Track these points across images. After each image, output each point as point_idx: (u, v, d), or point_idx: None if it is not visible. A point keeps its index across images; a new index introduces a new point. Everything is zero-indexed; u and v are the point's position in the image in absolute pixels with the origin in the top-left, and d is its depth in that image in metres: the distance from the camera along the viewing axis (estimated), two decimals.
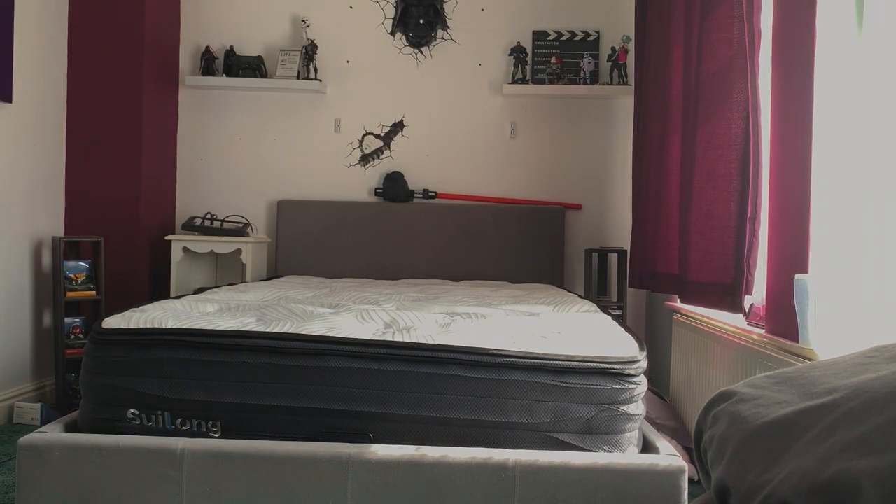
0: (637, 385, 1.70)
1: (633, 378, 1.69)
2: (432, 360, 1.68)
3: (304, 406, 1.68)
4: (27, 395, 3.43)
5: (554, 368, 1.67)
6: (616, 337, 1.90)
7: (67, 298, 3.49)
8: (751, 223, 2.28)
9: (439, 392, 1.66)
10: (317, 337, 1.74)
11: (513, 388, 1.66)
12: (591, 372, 1.67)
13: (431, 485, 1.60)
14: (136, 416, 1.70)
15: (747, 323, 2.37)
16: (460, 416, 1.66)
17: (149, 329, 1.78)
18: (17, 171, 3.36)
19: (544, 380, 1.66)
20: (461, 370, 1.67)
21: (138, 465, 1.64)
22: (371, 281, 3.65)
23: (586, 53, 4.05)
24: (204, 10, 4.21)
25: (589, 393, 1.66)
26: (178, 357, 1.72)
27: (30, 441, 1.67)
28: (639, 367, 1.70)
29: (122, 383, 1.73)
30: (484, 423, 1.65)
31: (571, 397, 1.66)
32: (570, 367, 1.66)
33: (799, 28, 2.02)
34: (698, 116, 2.61)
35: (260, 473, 1.62)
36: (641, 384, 1.72)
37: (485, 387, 1.66)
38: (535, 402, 1.66)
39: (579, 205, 4.17)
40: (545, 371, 1.66)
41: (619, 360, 1.69)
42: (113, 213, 3.76)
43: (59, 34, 3.68)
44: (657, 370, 3.67)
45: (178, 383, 1.70)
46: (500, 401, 1.66)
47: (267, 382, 1.69)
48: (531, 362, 1.66)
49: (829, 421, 0.87)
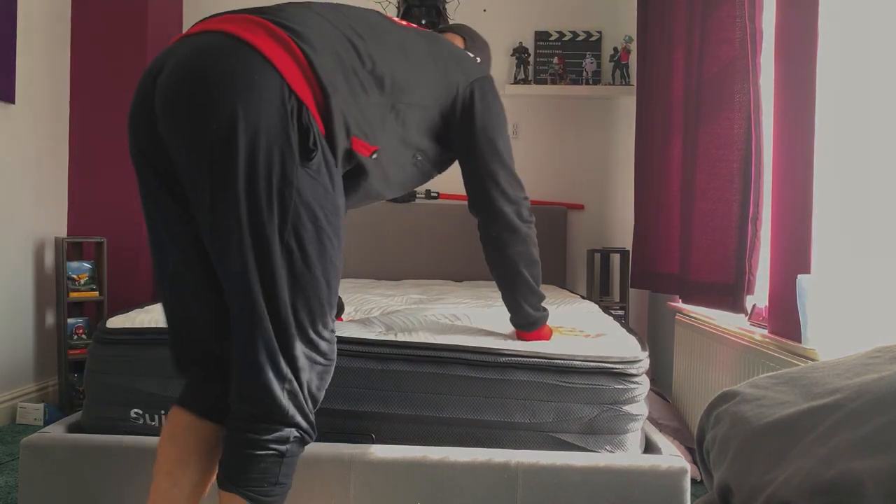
0: (639, 385, 1.70)
1: (635, 378, 1.69)
2: (435, 360, 1.68)
3: None
4: (30, 395, 3.44)
5: (557, 368, 1.67)
6: (618, 337, 1.90)
7: (70, 299, 3.50)
8: (753, 223, 2.28)
9: (442, 392, 1.66)
10: None
11: (516, 387, 1.66)
12: (594, 372, 1.67)
13: (434, 485, 1.60)
14: (139, 416, 1.71)
15: (749, 323, 2.37)
16: (463, 416, 1.66)
17: (152, 329, 1.79)
18: (19, 172, 3.36)
19: (547, 380, 1.66)
20: (465, 370, 1.67)
21: (140, 466, 1.64)
22: (373, 282, 3.65)
23: (588, 54, 4.05)
24: (206, 10, 4.21)
25: (592, 393, 1.66)
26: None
27: (33, 441, 1.67)
28: (640, 366, 1.70)
29: (125, 382, 1.73)
30: (487, 423, 1.66)
31: (574, 397, 1.66)
32: (573, 367, 1.67)
33: (801, 28, 2.01)
34: (700, 116, 2.61)
35: None
36: (643, 384, 1.72)
37: (488, 387, 1.66)
38: (539, 401, 1.66)
39: (581, 205, 4.17)
40: (548, 371, 1.67)
41: (621, 360, 1.69)
42: (116, 214, 3.76)
43: (61, 35, 3.69)
44: (659, 371, 3.67)
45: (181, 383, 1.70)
46: (503, 401, 1.66)
47: None
48: (535, 362, 1.67)
49: (831, 421, 0.87)
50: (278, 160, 1.20)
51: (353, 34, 1.39)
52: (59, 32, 3.67)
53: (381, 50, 1.43)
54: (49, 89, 3.59)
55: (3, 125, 3.22)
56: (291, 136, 1.20)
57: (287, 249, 1.23)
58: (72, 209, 3.76)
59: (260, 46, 1.21)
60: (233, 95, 1.18)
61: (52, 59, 3.60)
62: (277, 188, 1.20)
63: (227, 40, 1.22)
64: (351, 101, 1.33)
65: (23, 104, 3.34)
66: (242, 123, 1.17)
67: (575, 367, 1.66)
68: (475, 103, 1.61)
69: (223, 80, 1.18)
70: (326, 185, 1.27)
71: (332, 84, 1.27)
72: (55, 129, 3.65)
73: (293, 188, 1.21)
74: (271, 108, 1.19)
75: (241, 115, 1.17)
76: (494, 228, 1.67)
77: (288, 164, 1.20)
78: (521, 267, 1.70)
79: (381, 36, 1.46)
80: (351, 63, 1.35)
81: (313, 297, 1.27)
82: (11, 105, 3.25)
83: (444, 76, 1.58)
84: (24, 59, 3.34)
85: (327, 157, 1.28)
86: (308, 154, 1.22)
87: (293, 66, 1.23)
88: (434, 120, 1.57)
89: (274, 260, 1.22)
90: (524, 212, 1.68)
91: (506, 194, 1.65)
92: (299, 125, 1.22)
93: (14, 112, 3.29)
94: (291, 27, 1.27)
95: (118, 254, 3.73)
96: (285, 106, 1.20)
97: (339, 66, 1.31)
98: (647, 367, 1.76)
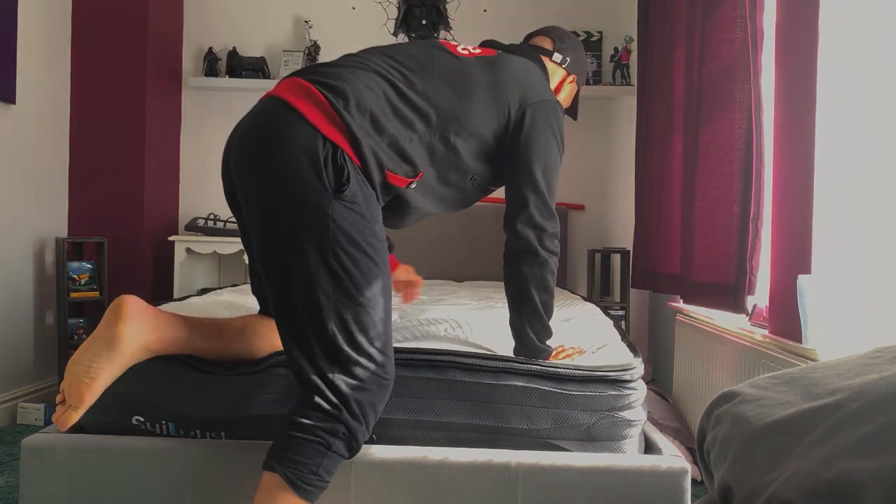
0: (635, 390, 1.70)
1: (630, 384, 1.69)
2: (433, 365, 1.68)
3: None
4: (31, 395, 3.44)
5: (552, 375, 1.67)
6: (612, 344, 1.91)
7: (71, 299, 3.50)
8: (753, 223, 2.28)
9: (440, 397, 1.66)
10: None
11: (512, 393, 1.67)
12: (589, 379, 1.67)
13: (434, 486, 1.60)
14: (140, 423, 1.70)
15: (750, 323, 2.37)
16: (461, 420, 1.66)
17: None
18: (20, 173, 3.37)
19: (543, 386, 1.67)
20: (462, 375, 1.67)
21: (142, 466, 1.64)
22: None
23: (589, 54, 4.05)
24: (207, 11, 4.22)
25: (588, 400, 1.66)
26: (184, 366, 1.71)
27: (33, 442, 1.67)
28: (634, 373, 1.70)
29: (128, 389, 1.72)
30: (486, 429, 1.66)
31: (570, 404, 1.66)
32: (567, 375, 1.67)
33: (802, 28, 2.01)
34: (701, 117, 2.61)
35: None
36: (640, 389, 1.72)
37: (485, 392, 1.67)
38: (535, 408, 1.67)
39: (582, 205, 4.17)
40: (543, 377, 1.67)
41: (614, 368, 1.69)
42: (116, 214, 3.76)
43: (62, 36, 3.69)
44: (660, 371, 3.67)
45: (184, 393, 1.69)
46: (500, 406, 1.67)
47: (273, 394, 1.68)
48: (529, 368, 1.67)
49: (832, 422, 0.87)
50: (313, 196, 1.43)
51: (399, 75, 1.59)
52: (60, 32, 3.67)
53: (429, 85, 1.60)
54: (49, 89, 3.59)
55: (3, 125, 3.23)
56: (323, 175, 1.43)
57: (330, 271, 1.42)
58: (72, 209, 3.76)
59: (298, 106, 1.48)
60: (275, 149, 1.45)
61: (52, 59, 3.61)
62: (315, 219, 1.42)
63: (274, 104, 1.51)
64: (387, 139, 1.53)
65: (23, 104, 3.34)
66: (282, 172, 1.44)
67: (569, 375, 1.67)
68: (524, 126, 1.68)
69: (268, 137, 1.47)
70: (364, 213, 1.46)
71: (362, 128, 1.49)
72: (55, 130, 3.66)
73: (328, 218, 1.42)
74: (305, 155, 1.44)
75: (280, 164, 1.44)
76: (514, 247, 1.72)
77: (323, 199, 1.43)
78: (532, 288, 1.71)
79: (429, 72, 1.62)
80: (391, 104, 1.55)
81: (363, 313, 1.44)
82: (12, 105, 3.25)
83: (500, 102, 1.67)
84: (25, 59, 3.34)
85: (365, 189, 1.48)
86: (341, 188, 1.44)
87: (323, 119, 1.47)
88: (489, 144, 1.67)
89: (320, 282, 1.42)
90: (547, 241, 1.71)
91: (532, 218, 1.69)
92: (334, 165, 1.44)
93: (14, 112, 3.29)
94: (328, 83, 1.51)
95: (118, 254, 3.73)
96: (318, 152, 1.44)
97: (375, 109, 1.51)
98: (643, 373, 1.76)
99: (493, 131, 1.66)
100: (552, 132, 1.71)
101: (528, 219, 1.69)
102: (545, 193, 1.69)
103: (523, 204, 1.69)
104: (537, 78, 1.78)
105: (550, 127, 1.70)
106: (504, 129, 1.67)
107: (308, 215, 1.43)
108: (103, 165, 3.75)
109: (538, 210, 1.69)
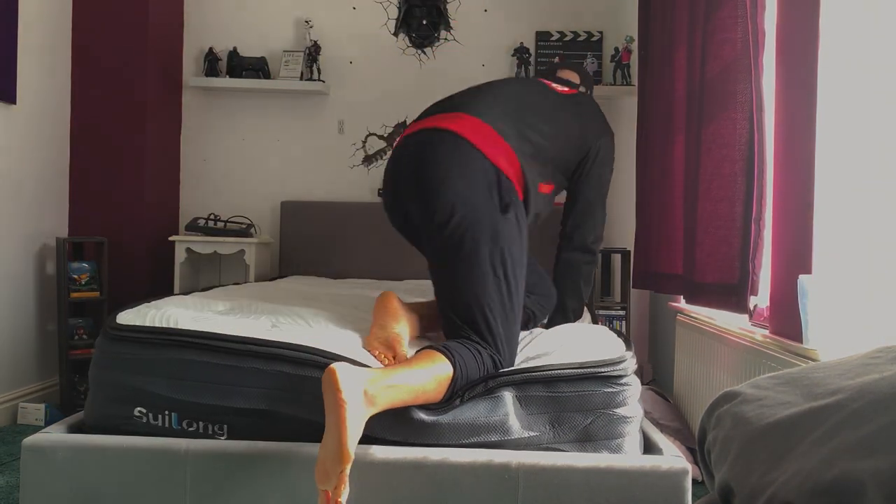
0: (628, 386, 1.69)
1: (621, 379, 1.69)
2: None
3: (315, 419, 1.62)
4: (31, 395, 3.44)
5: (543, 379, 1.67)
6: (602, 339, 1.90)
7: (71, 299, 3.50)
8: (756, 223, 2.28)
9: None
10: (330, 354, 1.71)
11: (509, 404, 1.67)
12: (580, 378, 1.67)
13: (434, 486, 1.60)
14: (142, 415, 1.70)
15: (751, 323, 2.36)
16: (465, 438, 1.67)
17: (164, 329, 1.76)
18: (21, 173, 3.37)
19: (537, 392, 1.67)
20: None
21: (142, 466, 1.64)
22: (374, 282, 3.64)
23: (589, 54, 4.05)
24: (207, 11, 4.21)
25: (581, 399, 1.66)
26: (188, 359, 1.71)
27: (34, 442, 1.67)
28: (626, 366, 1.70)
29: (131, 381, 1.72)
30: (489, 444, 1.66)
31: (565, 406, 1.66)
32: (558, 376, 1.67)
33: (803, 28, 2.01)
34: (702, 117, 2.60)
35: (264, 475, 1.63)
36: (633, 384, 1.72)
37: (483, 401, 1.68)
38: (532, 415, 1.67)
39: None
40: (536, 383, 1.67)
41: (603, 363, 1.69)
42: (117, 214, 3.76)
43: (62, 36, 3.69)
44: (661, 371, 3.67)
45: (187, 385, 1.69)
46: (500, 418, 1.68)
47: (278, 390, 1.68)
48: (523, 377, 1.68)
49: (833, 422, 0.87)
50: (487, 213, 1.79)
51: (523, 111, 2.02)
52: (60, 33, 3.67)
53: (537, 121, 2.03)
54: (50, 89, 3.59)
55: (3, 125, 3.23)
56: (493, 196, 1.81)
57: (496, 274, 1.77)
58: (72, 209, 3.76)
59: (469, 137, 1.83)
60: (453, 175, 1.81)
61: (52, 59, 3.61)
62: (490, 233, 1.77)
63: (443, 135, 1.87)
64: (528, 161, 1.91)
65: (24, 104, 3.34)
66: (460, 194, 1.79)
67: (560, 376, 1.67)
68: (599, 155, 2.20)
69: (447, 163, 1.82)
70: (522, 230, 1.85)
71: (521, 150, 1.89)
72: (56, 130, 3.66)
73: (498, 232, 1.78)
74: (480, 180, 1.80)
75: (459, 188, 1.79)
76: (572, 244, 2.22)
77: (495, 216, 1.79)
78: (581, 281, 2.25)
79: (537, 108, 2.08)
80: (524, 133, 1.94)
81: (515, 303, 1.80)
82: (12, 105, 3.25)
83: (584, 134, 2.17)
84: (25, 60, 3.34)
85: (519, 211, 1.85)
86: (506, 208, 1.81)
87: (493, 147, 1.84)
88: (570, 164, 2.16)
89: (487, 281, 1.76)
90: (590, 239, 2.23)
91: (595, 225, 2.24)
92: (499, 188, 1.81)
93: (15, 112, 3.29)
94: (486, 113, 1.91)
95: (119, 254, 3.73)
96: (488, 177, 1.81)
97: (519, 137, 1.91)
98: (636, 367, 1.76)
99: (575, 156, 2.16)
100: (613, 159, 2.29)
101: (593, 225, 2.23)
102: (604, 205, 2.27)
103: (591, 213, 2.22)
104: (602, 115, 2.32)
105: (613, 154, 2.29)
106: (585, 156, 2.17)
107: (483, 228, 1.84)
108: (104, 165, 3.75)
109: (600, 219, 2.25)
